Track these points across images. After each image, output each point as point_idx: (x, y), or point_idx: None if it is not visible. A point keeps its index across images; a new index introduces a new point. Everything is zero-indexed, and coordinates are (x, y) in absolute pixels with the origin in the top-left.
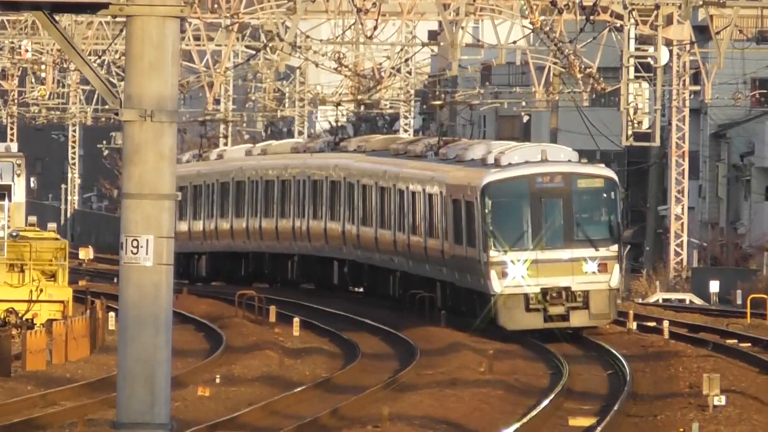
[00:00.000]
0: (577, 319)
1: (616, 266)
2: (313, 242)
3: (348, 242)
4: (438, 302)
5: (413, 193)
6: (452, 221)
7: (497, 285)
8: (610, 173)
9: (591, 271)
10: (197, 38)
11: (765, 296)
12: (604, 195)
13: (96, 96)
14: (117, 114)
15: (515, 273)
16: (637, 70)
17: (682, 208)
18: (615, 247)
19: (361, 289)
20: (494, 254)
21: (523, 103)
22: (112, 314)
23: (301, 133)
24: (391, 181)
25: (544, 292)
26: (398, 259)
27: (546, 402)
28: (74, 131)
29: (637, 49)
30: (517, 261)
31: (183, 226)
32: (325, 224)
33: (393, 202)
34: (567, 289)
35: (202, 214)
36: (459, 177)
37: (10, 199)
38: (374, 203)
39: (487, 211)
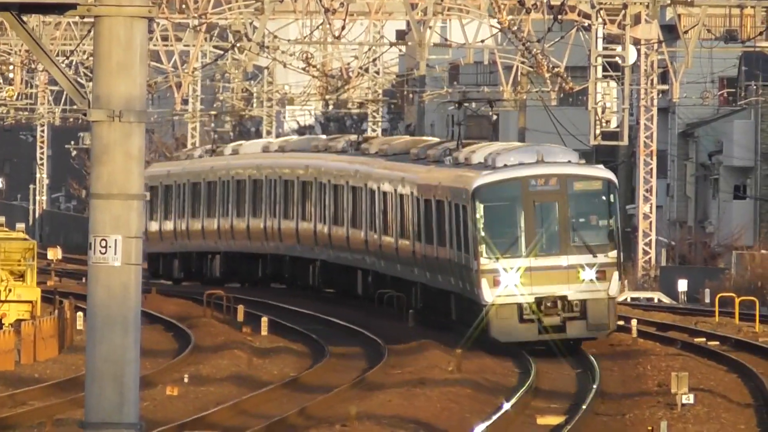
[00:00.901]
0: (574, 330)
1: (615, 273)
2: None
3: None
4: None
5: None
6: (452, 226)
7: (488, 294)
8: (608, 175)
9: (588, 279)
10: (165, 38)
11: (733, 295)
12: (603, 198)
13: (64, 96)
14: (85, 114)
15: (508, 281)
16: (605, 70)
17: (651, 207)
18: (614, 254)
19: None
20: (485, 261)
21: (487, 105)
22: (80, 314)
23: (269, 132)
24: (398, 185)
25: (539, 301)
26: (417, 270)
27: (514, 400)
28: (42, 132)
29: (604, 49)
30: (509, 269)
31: (196, 225)
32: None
33: (402, 208)
34: (563, 298)
35: (216, 212)
36: (453, 180)
37: None
38: (388, 208)
39: (478, 215)
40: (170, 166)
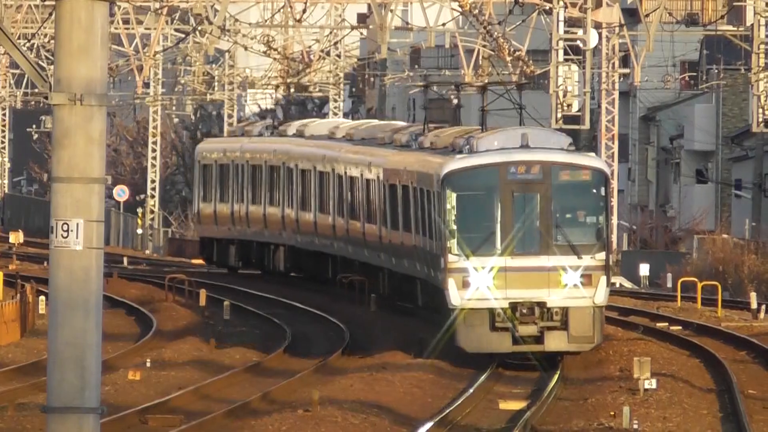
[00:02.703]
0: (553, 343)
1: (603, 278)
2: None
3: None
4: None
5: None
6: (419, 214)
7: (456, 297)
8: (599, 164)
9: (572, 284)
10: (126, 21)
11: (695, 279)
12: (592, 191)
13: (25, 79)
14: (46, 98)
15: (479, 283)
16: (566, 53)
17: (612, 191)
18: (602, 255)
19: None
20: (454, 259)
21: (453, 87)
22: (42, 298)
23: (230, 116)
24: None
25: (514, 307)
26: (383, 255)
27: (476, 385)
28: (3, 115)
29: (566, 32)
30: (481, 268)
31: (257, 212)
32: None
33: (369, 193)
34: (542, 304)
35: (281, 201)
36: (424, 165)
37: None
38: (356, 194)
39: (448, 206)
40: (226, 143)
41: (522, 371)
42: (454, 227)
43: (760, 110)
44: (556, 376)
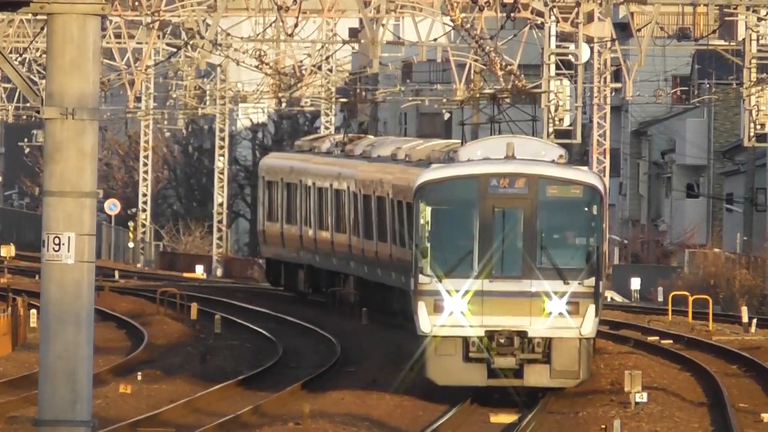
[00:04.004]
0: (534, 377)
1: (591, 307)
2: None
3: None
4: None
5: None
6: (393, 225)
7: (426, 323)
8: (592, 180)
9: (556, 312)
10: (118, 36)
11: (686, 293)
12: (583, 209)
13: (17, 94)
14: (38, 112)
15: (452, 308)
16: (558, 68)
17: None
18: (591, 281)
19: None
20: (425, 280)
21: (444, 100)
22: (33, 311)
23: (222, 130)
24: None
25: (491, 336)
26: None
27: (468, 400)
28: None
29: (557, 47)
30: (455, 292)
31: (325, 237)
32: None
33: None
34: (522, 334)
35: (347, 228)
36: (401, 178)
37: None
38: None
39: (421, 221)
40: (292, 159)
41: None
42: (427, 245)
43: (752, 125)
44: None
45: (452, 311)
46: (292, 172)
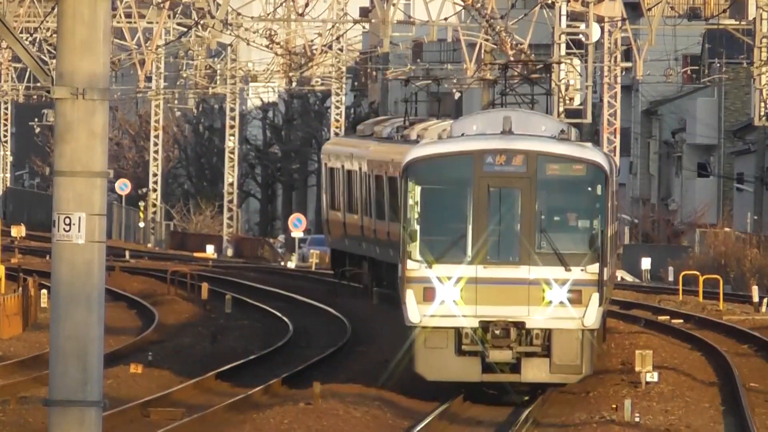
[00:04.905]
0: (532, 372)
1: (595, 295)
2: None
3: None
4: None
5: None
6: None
7: (415, 312)
8: (597, 157)
9: (557, 301)
10: (129, 15)
11: (697, 273)
12: (587, 189)
13: (28, 73)
14: (49, 92)
15: (443, 296)
16: (568, 47)
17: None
18: (595, 268)
19: None
20: (414, 266)
21: (455, 80)
22: (44, 292)
23: (232, 110)
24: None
25: (485, 327)
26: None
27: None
28: (6, 109)
29: (568, 26)
30: (447, 279)
31: (382, 229)
32: None
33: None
34: (519, 325)
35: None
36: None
37: None
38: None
39: (410, 201)
40: (353, 146)
41: None
42: (416, 228)
43: (762, 104)
44: None
45: (443, 300)
46: (352, 158)
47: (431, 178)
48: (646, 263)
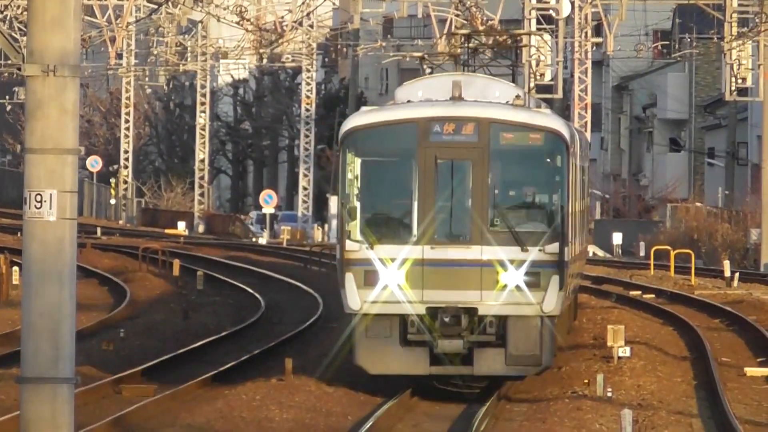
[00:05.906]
0: (486, 364)
1: (555, 278)
2: None
3: None
4: None
5: None
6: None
7: (355, 298)
8: (556, 125)
9: (513, 285)
10: None
11: (668, 248)
12: (545, 160)
13: None
14: (19, 69)
15: (386, 280)
16: (539, 23)
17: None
18: (554, 247)
19: None
20: (353, 247)
21: (426, 56)
22: (16, 269)
23: (203, 86)
24: None
25: (433, 314)
26: None
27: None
28: None
29: (538, 1)
30: (390, 261)
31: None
32: None
33: None
34: (471, 311)
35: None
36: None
37: None
38: None
39: (349, 176)
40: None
41: None
42: (356, 204)
43: (733, 79)
44: None
45: (386, 284)
46: None
47: (372, 150)
48: (617, 238)
